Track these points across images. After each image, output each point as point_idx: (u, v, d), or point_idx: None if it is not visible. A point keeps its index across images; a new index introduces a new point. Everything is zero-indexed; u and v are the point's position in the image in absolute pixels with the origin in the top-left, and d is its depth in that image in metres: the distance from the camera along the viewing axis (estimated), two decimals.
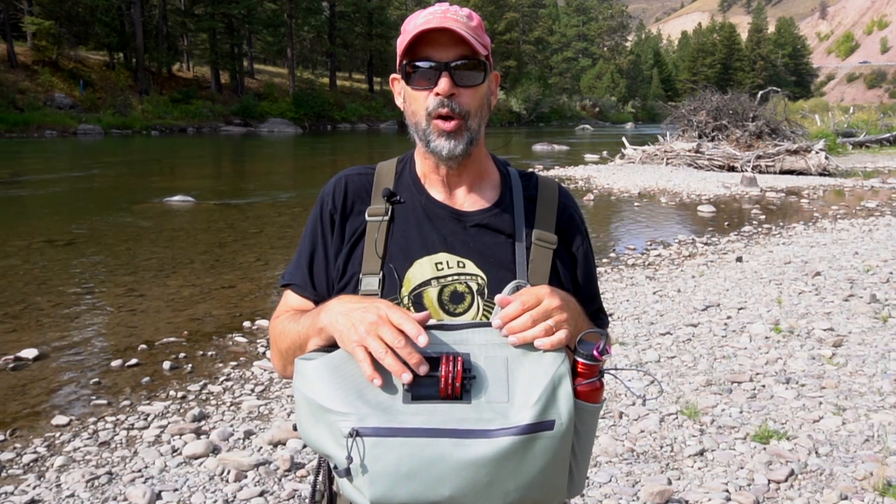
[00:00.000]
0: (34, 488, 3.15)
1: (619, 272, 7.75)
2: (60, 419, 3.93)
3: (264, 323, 5.75)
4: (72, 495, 3.08)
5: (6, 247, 8.78)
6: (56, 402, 4.26)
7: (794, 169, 19.51)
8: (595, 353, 1.04)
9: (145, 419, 3.95)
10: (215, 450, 3.50)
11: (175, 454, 3.48)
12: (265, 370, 4.69)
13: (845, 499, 2.96)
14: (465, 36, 1.13)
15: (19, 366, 4.79)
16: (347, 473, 0.96)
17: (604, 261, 8.38)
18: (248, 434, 3.67)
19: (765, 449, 3.39)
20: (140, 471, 3.31)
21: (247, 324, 5.76)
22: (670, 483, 3.11)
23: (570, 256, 1.28)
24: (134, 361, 4.87)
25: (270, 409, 4.04)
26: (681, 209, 13.27)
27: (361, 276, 1.19)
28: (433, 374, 0.99)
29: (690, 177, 18.17)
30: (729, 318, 5.68)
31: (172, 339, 5.38)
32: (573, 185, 16.73)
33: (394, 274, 1.18)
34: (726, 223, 11.39)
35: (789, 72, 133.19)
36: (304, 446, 3.48)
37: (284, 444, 3.52)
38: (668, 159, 21.03)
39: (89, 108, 39.69)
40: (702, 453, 3.39)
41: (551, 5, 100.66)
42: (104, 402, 4.23)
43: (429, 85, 1.16)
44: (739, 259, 8.22)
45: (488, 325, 1.06)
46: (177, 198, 12.98)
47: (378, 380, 0.98)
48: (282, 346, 1.21)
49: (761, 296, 6.40)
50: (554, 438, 0.99)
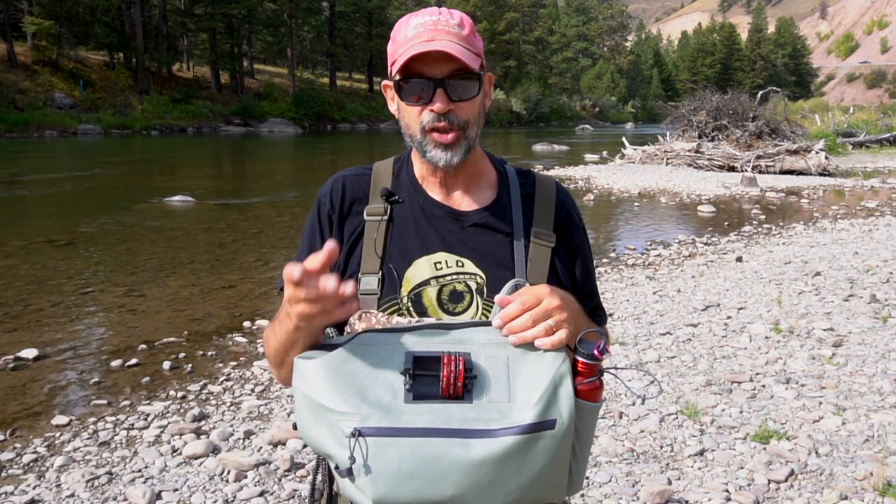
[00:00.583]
0: (34, 488, 3.15)
1: (619, 272, 7.75)
2: (60, 419, 3.93)
3: (264, 323, 5.75)
4: (72, 495, 3.08)
5: (6, 247, 8.78)
6: (56, 402, 4.26)
7: (794, 169, 19.51)
8: (595, 352, 1.04)
9: (145, 419, 3.95)
10: (215, 450, 3.50)
11: (175, 454, 3.48)
12: (265, 370, 4.69)
13: (845, 499, 2.96)
14: (457, 54, 1.12)
15: (19, 366, 4.79)
16: (349, 473, 0.96)
17: (604, 261, 8.38)
18: (248, 434, 3.67)
19: (765, 449, 3.39)
20: (140, 471, 3.31)
21: (247, 324, 5.76)
22: (670, 483, 3.11)
23: (568, 254, 1.27)
24: (134, 361, 4.87)
25: (270, 409, 4.04)
26: (681, 209, 13.27)
27: (360, 275, 1.19)
28: (434, 373, 0.99)
29: (690, 177, 18.17)
30: (729, 318, 5.68)
31: (172, 339, 5.38)
32: (573, 186, 16.73)
33: (393, 274, 1.18)
34: (726, 223, 11.39)
35: (789, 72, 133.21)
36: (304, 446, 3.48)
37: (284, 444, 3.52)
38: (668, 159, 21.03)
39: (89, 108, 39.70)
40: (702, 453, 3.39)
41: (551, 5, 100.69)
42: (104, 402, 4.23)
43: (422, 100, 1.16)
44: (739, 259, 8.22)
45: (488, 324, 1.07)
46: (177, 198, 12.98)
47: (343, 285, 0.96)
48: (269, 352, 1.20)
49: (761, 296, 6.40)
50: (555, 437, 0.99)
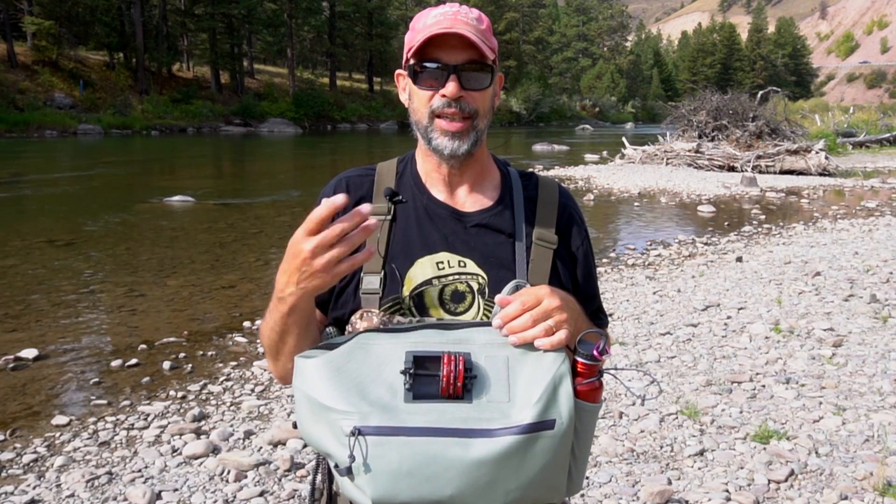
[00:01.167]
0: (34, 488, 3.15)
1: (619, 272, 7.75)
2: (60, 419, 3.93)
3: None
4: (72, 495, 3.08)
5: (6, 247, 8.78)
6: (56, 402, 4.27)
7: (794, 169, 19.51)
8: (595, 353, 1.04)
9: (145, 419, 3.95)
10: (215, 450, 3.50)
11: (175, 454, 3.48)
12: (265, 370, 4.69)
13: (845, 499, 2.96)
14: (475, 40, 1.13)
15: (19, 366, 4.79)
16: (349, 472, 0.96)
17: (604, 261, 8.38)
18: (248, 434, 3.67)
19: (765, 449, 3.39)
20: (140, 471, 3.31)
21: (247, 324, 5.76)
22: (670, 483, 3.11)
23: (570, 256, 1.28)
24: (134, 361, 4.87)
25: (270, 409, 4.04)
26: (681, 209, 13.27)
27: (362, 274, 1.19)
28: (434, 373, 1.00)
29: (690, 177, 18.17)
30: (729, 318, 5.68)
31: (172, 339, 5.38)
32: (573, 185, 16.73)
33: (395, 273, 1.19)
34: (726, 223, 11.39)
35: (789, 72, 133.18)
36: (304, 446, 3.48)
37: (284, 444, 3.52)
38: (668, 159, 21.03)
39: (89, 108, 39.69)
40: (702, 453, 3.39)
41: (551, 5, 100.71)
42: (104, 402, 4.23)
43: (436, 85, 1.17)
44: (739, 259, 8.22)
45: (489, 324, 1.07)
46: (177, 198, 12.98)
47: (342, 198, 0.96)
48: (265, 345, 1.20)
49: (761, 296, 6.40)
50: (555, 438, 0.99)
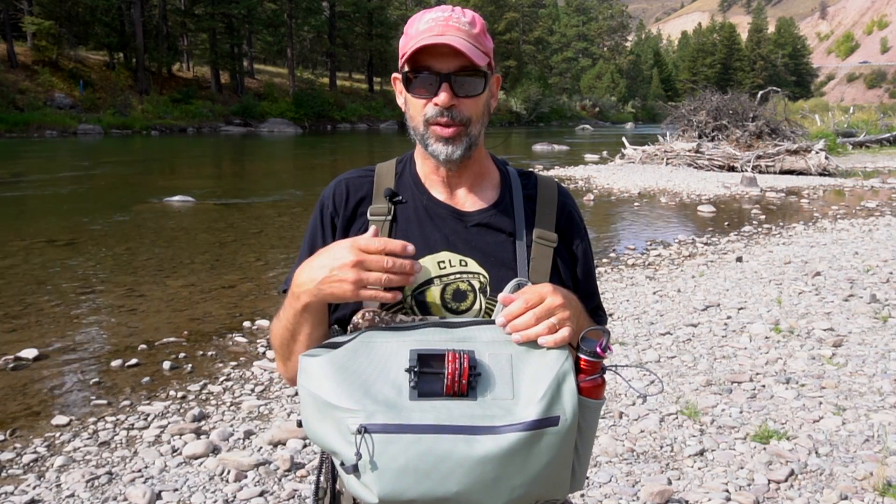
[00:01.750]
0: (34, 488, 3.15)
1: (619, 272, 7.75)
2: (60, 419, 3.93)
3: (264, 323, 5.75)
4: (72, 495, 3.08)
5: (6, 247, 8.78)
6: (56, 402, 4.26)
7: (794, 169, 19.51)
8: (598, 349, 1.05)
9: (145, 419, 3.95)
10: (215, 450, 3.50)
11: (175, 454, 3.48)
12: (265, 370, 4.69)
13: (845, 499, 2.96)
14: (465, 49, 1.13)
15: (19, 366, 4.79)
16: (355, 470, 0.96)
17: (604, 261, 8.38)
18: (248, 434, 3.67)
19: (765, 449, 3.39)
20: (140, 471, 3.31)
21: (247, 324, 5.76)
22: (670, 483, 3.11)
23: (570, 254, 1.29)
24: (134, 361, 4.87)
25: (270, 409, 4.04)
26: (681, 209, 13.28)
27: None
28: (439, 371, 1.00)
29: (690, 177, 18.18)
30: (729, 318, 5.68)
31: (172, 339, 5.38)
32: (573, 185, 16.73)
33: None
34: (726, 223, 11.39)
35: (789, 72, 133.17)
36: (304, 446, 3.49)
37: (284, 444, 3.52)
38: (668, 159, 21.03)
39: (89, 108, 39.69)
40: (702, 453, 3.39)
41: (551, 5, 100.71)
42: (104, 402, 4.23)
43: (428, 94, 1.17)
44: (739, 259, 8.22)
45: (492, 322, 1.08)
46: (177, 198, 12.98)
47: (419, 266, 1.06)
48: (276, 344, 1.22)
49: (761, 296, 6.40)
50: (559, 434, 1.00)
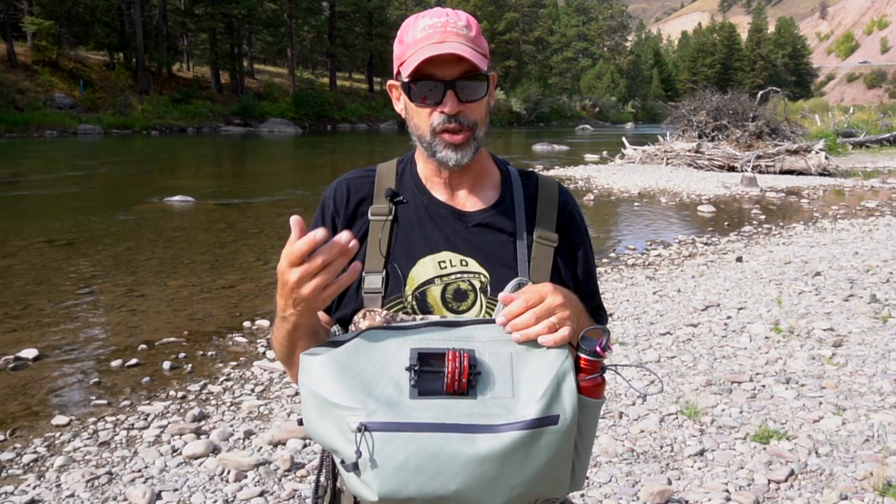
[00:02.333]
0: (34, 488, 3.15)
1: (619, 272, 7.75)
2: (60, 419, 3.93)
3: (264, 323, 5.75)
4: (72, 495, 3.08)
5: (6, 247, 8.78)
6: (56, 402, 4.26)
7: (794, 169, 19.51)
8: (598, 349, 1.05)
9: (145, 419, 3.95)
10: (215, 450, 3.50)
11: (175, 454, 3.48)
12: (265, 370, 4.69)
13: (845, 499, 2.96)
14: (468, 55, 1.13)
15: (19, 366, 4.79)
16: (355, 468, 0.97)
17: (604, 261, 8.38)
18: (248, 434, 3.67)
19: (765, 449, 3.39)
20: (140, 471, 3.31)
21: (247, 324, 5.76)
22: (670, 483, 3.11)
23: (570, 254, 1.29)
24: (134, 361, 4.87)
25: (270, 409, 4.04)
26: (681, 209, 13.27)
27: (364, 274, 1.20)
28: (439, 369, 1.01)
29: (690, 177, 18.18)
30: (729, 318, 5.68)
31: (172, 339, 5.38)
32: (573, 185, 16.73)
33: (397, 273, 1.20)
34: (726, 223, 11.39)
35: (789, 72, 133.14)
36: (305, 446, 3.49)
37: (284, 444, 3.52)
38: (668, 159, 21.03)
39: (89, 108, 39.70)
40: (702, 453, 3.39)
41: (551, 5, 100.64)
42: (104, 402, 4.23)
43: (432, 101, 1.17)
44: (739, 259, 8.22)
45: (492, 321, 1.08)
46: (177, 198, 12.98)
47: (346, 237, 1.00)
48: (278, 355, 1.22)
49: (761, 296, 6.40)
50: (558, 433, 1.00)
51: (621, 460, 3.33)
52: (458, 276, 1.20)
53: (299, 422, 1.09)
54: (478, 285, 1.20)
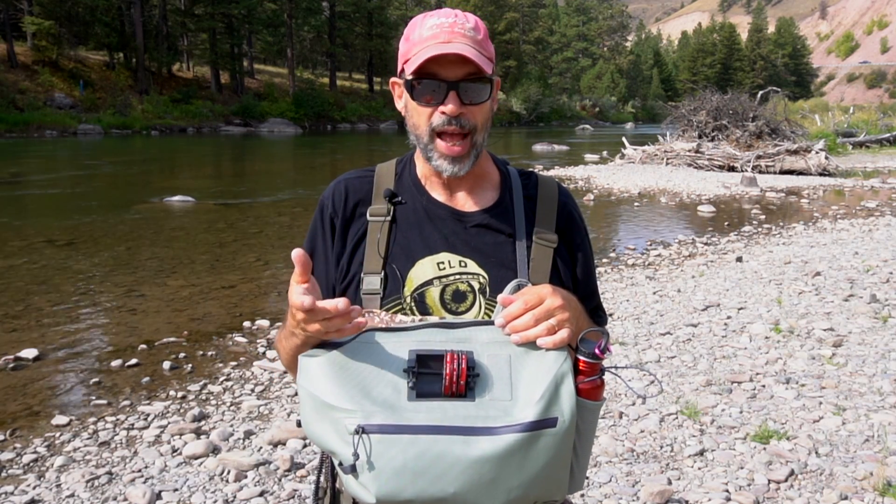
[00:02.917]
0: (34, 488, 3.15)
1: (619, 272, 7.74)
2: (60, 419, 3.93)
3: (264, 323, 5.75)
4: (72, 495, 3.08)
5: (6, 247, 8.78)
6: (56, 402, 4.26)
7: (794, 169, 19.51)
8: (597, 351, 1.05)
9: (145, 419, 3.95)
10: (215, 450, 3.50)
11: (175, 454, 3.48)
12: (265, 370, 4.69)
13: (845, 499, 2.96)
14: (474, 57, 1.12)
15: (19, 366, 4.79)
16: (353, 470, 0.97)
17: (604, 261, 8.38)
18: (248, 434, 3.67)
19: (765, 449, 3.39)
20: (140, 471, 3.31)
21: (247, 324, 5.76)
22: (670, 483, 3.11)
23: (570, 255, 1.28)
24: (134, 361, 4.87)
25: (270, 409, 4.04)
26: (681, 209, 13.28)
27: (363, 275, 1.20)
28: (437, 371, 1.00)
29: (690, 177, 18.18)
30: (729, 318, 5.68)
31: (172, 339, 5.38)
32: (573, 185, 16.73)
33: (396, 274, 1.19)
34: (726, 223, 11.39)
35: (789, 72, 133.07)
36: (304, 446, 3.49)
37: (284, 444, 3.52)
38: (668, 159, 21.03)
39: (89, 108, 39.70)
40: (702, 453, 3.39)
41: (551, 5, 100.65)
42: (104, 402, 4.23)
43: (434, 101, 1.16)
44: (739, 259, 8.22)
45: (491, 323, 1.08)
46: (177, 198, 12.98)
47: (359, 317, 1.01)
48: (282, 360, 1.22)
49: (761, 296, 6.40)
50: (557, 435, 1.00)
51: (621, 460, 3.33)
52: (457, 277, 1.19)
53: (298, 423, 1.09)
54: (477, 286, 1.19)
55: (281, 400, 4.19)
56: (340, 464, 0.99)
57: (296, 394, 4.25)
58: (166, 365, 4.82)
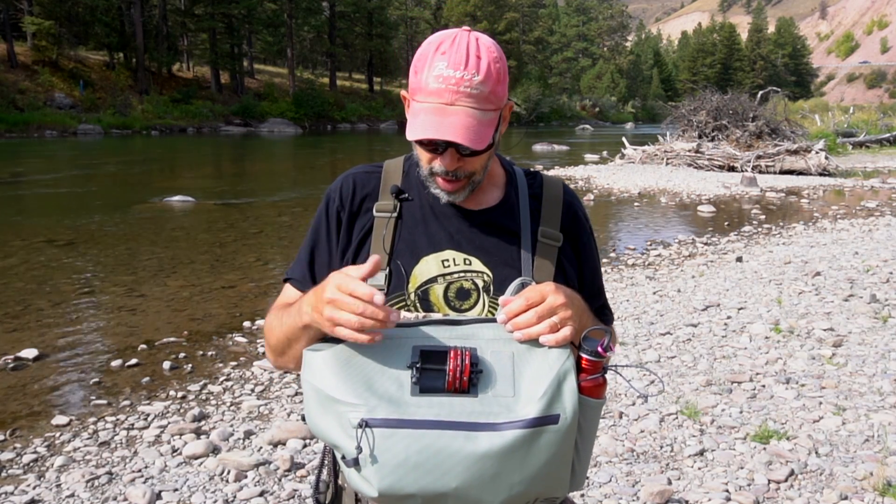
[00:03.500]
0: (34, 488, 3.15)
1: (619, 272, 7.75)
2: (60, 419, 3.93)
3: (264, 323, 5.75)
4: (72, 495, 3.08)
5: (6, 247, 8.78)
6: (56, 402, 4.26)
7: (794, 169, 19.51)
8: (599, 349, 1.06)
9: (145, 419, 3.95)
10: (215, 450, 3.50)
11: (175, 454, 3.48)
12: (265, 370, 4.69)
13: (845, 499, 2.96)
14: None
15: (19, 366, 4.79)
16: (356, 464, 0.97)
17: (604, 261, 8.38)
18: (248, 434, 3.67)
19: (765, 449, 3.39)
20: (140, 471, 3.31)
21: (247, 324, 5.76)
22: (670, 483, 3.11)
23: (575, 253, 1.29)
24: (134, 361, 4.87)
25: (270, 409, 4.04)
26: (681, 209, 13.28)
27: None
28: (441, 367, 1.01)
29: (690, 177, 18.18)
30: (729, 318, 5.68)
31: (172, 339, 5.38)
32: (573, 185, 16.71)
33: (401, 270, 1.20)
34: (726, 223, 11.39)
35: (789, 72, 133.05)
36: (304, 446, 3.49)
37: (284, 444, 3.52)
38: (668, 159, 21.03)
39: (89, 108, 39.69)
40: (702, 453, 3.39)
41: (551, 5, 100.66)
42: (104, 402, 4.23)
43: (433, 149, 1.16)
44: (739, 259, 8.22)
45: (495, 320, 1.08)
46: (177, 198, 12.98)
47: (374, 337, 0.99)
48: (271, 341, 1.22)
49: (761, 296, 6.40)
50: (559, 432, 1.01)
51: (621, 460, 3.33)
52: (461, 274, 1.20)
53: (302, 418, 1.10)
54: (481, 284, 1.20)
55: (281, 400, 4.19)
56: (343, 457, 1.00)
57: (296, 394, 4.25)
58: (166, 365, 4.82)
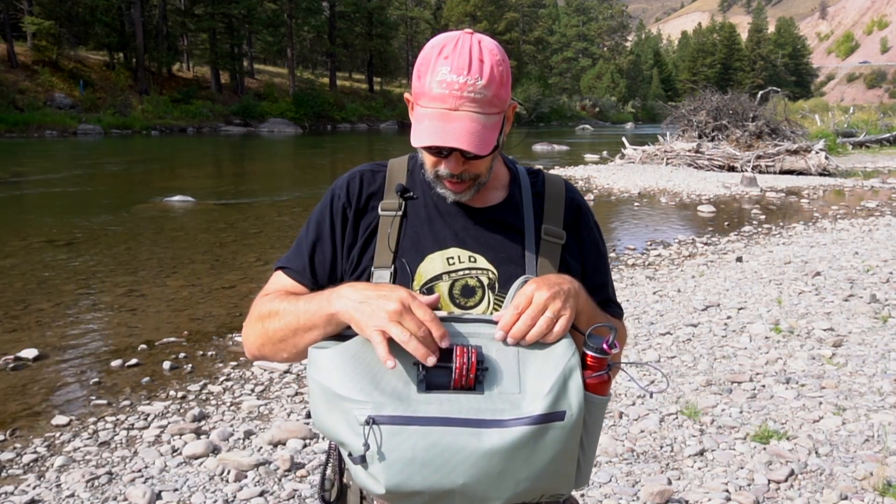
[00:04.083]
0: (34, 488, 3.15)
1: (619, 272, 7.75)
2: (60, 419, 3.93)
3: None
4: (72, 495, 3.08)
5: (6, 247, 8.78)
6: (56, 402, 4.26)
7: (794, 169, 19.51)
8: (604, 346, 1.06)
9: (145, 419, 3.95)
10: (215, 450, 3.50)
11: (175, 454, 3.48)
12: (265, 370, 4.69)
13: (845, 499, 2.96)
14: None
15: (19, 366, 4.79)
16: (363, 461, 0.98)
17: None
18: (248, 434, 3.67)
19: (765, 449, 3.39)
20: (140, 471, 3.31)
21: None
22: (670, 483, 3.11)
23: (579, 249, 1.30)
24: (134, 361, 4.87)
25: (270, 409, 4.04)
26: (681, 209, 13.28)
27: (373, 269, 1.21)
28: (447, 364, 1.01)
29: (690, 177, 18.18)
30: (729, 318, 5.68)
31: (172, 339, 5.38)
32: (573, 185, 16.73)
33: (406, 268, 1.20)
34: (726, 223, 11.39)
35: (789, 72, 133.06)
36: (305, 446, 3.49)
37: (284, 444, 3.52)
38: (668, 159, 21.03)
39: (89, 108, 39.67)
40: (702, 453, 3.39)
41: (551, 5, 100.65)
42: (104, 402, 4.23)
43: (437, 153, 1.16)
44: (739, 259, 8.22)
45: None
46: (177, 198, 12.98)
47: (392, 362, 0.99)
48: (269, 326, 1.19)
49: (761, 296, 6.40)
50: (564, 429, 1.01)
51: (621, 460, 3.33)
52: (466, 272, 1.21)
53: (308, 414, 1.10)
54: (486, 282, 1.21)
55: (281, 400, 4.19)
56: (350, 455, 1.00)
57: (296, 394, 4.25)
58: (166, 365, 4.82)
